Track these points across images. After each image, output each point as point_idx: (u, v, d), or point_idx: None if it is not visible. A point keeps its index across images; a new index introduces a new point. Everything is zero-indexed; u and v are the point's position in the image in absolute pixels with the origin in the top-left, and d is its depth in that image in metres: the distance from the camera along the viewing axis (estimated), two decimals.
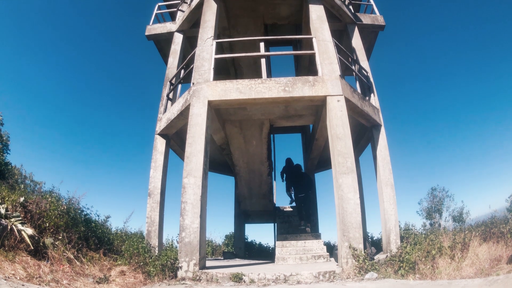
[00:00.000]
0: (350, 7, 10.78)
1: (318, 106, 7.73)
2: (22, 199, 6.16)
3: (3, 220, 5.18)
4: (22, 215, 5.71)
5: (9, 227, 5.12)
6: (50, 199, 6.93)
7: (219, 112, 7.94)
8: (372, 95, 8.96)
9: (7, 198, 5.99)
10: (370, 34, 11.11)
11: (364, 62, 9.35)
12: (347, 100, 7.14)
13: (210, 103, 7.00)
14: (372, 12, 11.08)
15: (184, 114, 7.54)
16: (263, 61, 7.68)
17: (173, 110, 8.05)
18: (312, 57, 8.16)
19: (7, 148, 13.83)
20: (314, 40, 7.90)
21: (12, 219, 5.31)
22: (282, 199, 13.84)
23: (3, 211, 5.38)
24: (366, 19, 10.67)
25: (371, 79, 9.20)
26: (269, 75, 10.90)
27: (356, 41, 9.80)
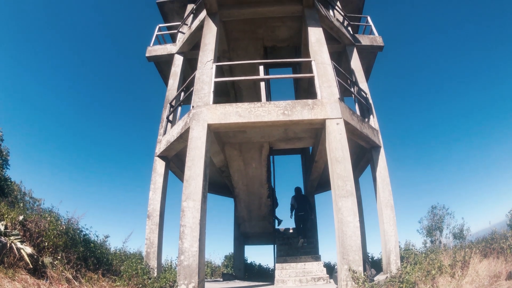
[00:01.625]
0: (349, 28, 10.89)
1: (317, 129, 7.74)
2: (21, 217, 6.15)
3: (2, 237, 5.18)
4: (21, 234, 5.70)
5: (8, 245, 5.12)
6: (49, 218, 6.91)
7: (218, 135, 7.95)
8: (371, 116, 8.98)
9: (6, 215, 5.99)
10: (369, 55, 11.21)
11: (363, 84, 9.40)
12: (346, 123, 7.15)
13: (209, 126, 7.00)
14: (371, 32, 11.18)
15: (183, 137, 7.54)
16: (262, 84, 7.72)
17: (173, 133, 8.05)
18: (311, 79, 8.21)
19: (6, 163, 13.80)
20: (313, 63, 7.95)
21: (12, 237, 5.30)
22: (282, 221, 13.74)
23: (2, 228, 5.38)
24: (365, 40, 10.77)
25: (370, 101, 9.23)
26: (269, 97, 10.96)
27: (355, 63, 9.87)
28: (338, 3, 11.78)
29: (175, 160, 9.13)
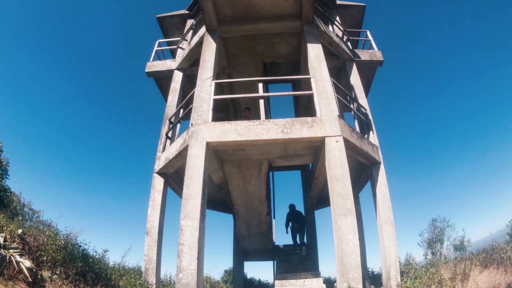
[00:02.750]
0: (348, 43, 10.90)
1: (317, 146, 7.70)
2: (20, 231, 6.15)
3: (2, 250, 5.19)
4: (20, 247, 5.71)
5: (8, 258, 5.13)
6: (48, 233, 6.89)
7: (217, 152, 7.91)
8: (371, 132, 8.95)
9: (5, 228, 5.99)
10: (369, 70, 11.21)
11: (362, 100, 9.38)
12: (346, 140, 7.12)
13: (208, 144, 6.97)
14: (370, 47, 11.19)
15: (182, 154, 7.51)
16: (261, 102, 7.72)
17: (172, 150, 8.03)
18: (311, 95, 8.18)
19: (6, 174, 13.77)
20: (312, 80, 7.95)
21: (11, 250, 5.31)
22: (282, 238, 13.71)
23: (1, 241, 5.39)
24: (364, 55, 10.77)
25: (370, 117, 9.20)
26: (268, 113, 10.97)
27: (355, 78, 9.87)
28: (337, 18, 11.81)
29: (174, 176, 9.09)
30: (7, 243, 5.47)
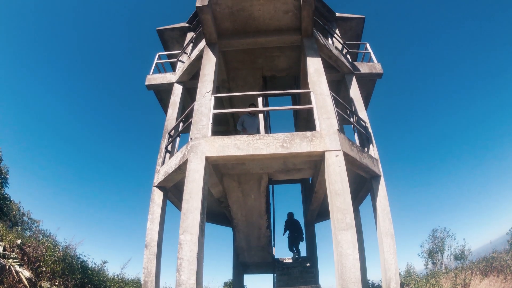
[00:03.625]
0: (348, 56, 10.93)
1: (316, 160, 7.68)
2: (19, 241, 6.16)
3: (1, 259, 5.18)
4: (19, 257, 5.72)
5: (7, 267, 5.12)
6: (47, 244, 6.88)
7: (217, 167, 7.88)
8: (371, 145, 8.92)
9: (5, 237, 5.98)
10: (368, 83, 11.22)
11: (362, 113, 9.38)
12: (346, 154, 7.09)
13: (207, 159, 6.94)
14: (370, 59, 11.20)
15: (181, 168, 7.48)
16: (261, 116, 7.71)
17: (171, 164, 8.00)
18: (310, 109, 8.17)
19: (6, 182, 13.75)
20: (312, 94, 7.95)
21: (10, 260, 5.31)
22: (282, 251, 13.68)
23: (1, 250, 5.37)
24: (364, 67, 10.79)
25: (370, 130, 9.18)
26: (268, 126, 10.95)
27: (354, 91, 9.87)
28: (337, 31, 11.87)
29: (173, 190, 9.05)
30: (6, 252, 5.49)
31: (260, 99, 7.94)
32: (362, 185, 9.41)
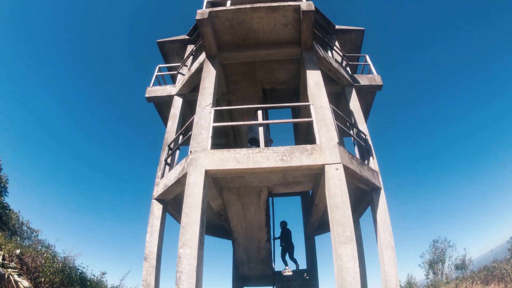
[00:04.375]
0: (348, 68, 10.95)
1: (316, 174, 7.65)
2: (18, 251, 6.14)
3: (0, 268, 5.14)
4: (18, 267, 5.69)
5: (6, 276, 5.09)
6: (46, 254, 6.85)
7: (216, 180, 7.84)
8: (371, 158, 8.89)
9: (4, 246, 5.96)
10: (368, 95, 11.22)
11: (362, 125, 9.37)
12: (346, 168, 7.06)
13: (207, 172, 6.92)
14: (370, 71, 11.22)
15: (181, 181, 7.46)
16: (261, 129, 7.70)
17: (170, 177, 7.98)
18: (310, 122, 8.16)
19: (5, 191, 13.75)
20: (311, 107, 7.95)
21: (9, 269, 5.28)
22: (282, 264, 13.62)
23: (0, 259, 5.34)
24: (363, 80, 10.80)
25: (370, 142, 9.16)
26: (268, 140, 10.94)
27: (354, 104, 9.87)
28: (336, 43, 11.91)
29: (173, 203, 9.01)
30: (5, 262, 5.46)
31: (260, 112, 7.94)
32: (363, 197, 9.36)
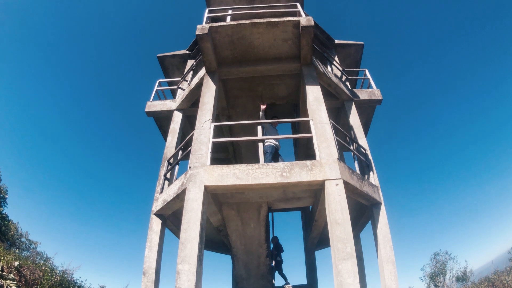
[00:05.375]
0: (347, 83, 10.97)
1: (316, 189, 7.61)
2: (16, 263, 6.08)
3: None
4: (17, 278, 5.63)
5: (5, 287, 5.03)
6: (44, 267, 6.79)
7: (216, 196, 7.79)
8: (371, 173, 8.87)
9: (2, 258, 5.91)
10: (368, 109, 11.24)
11: (362, 140, 9.36)
12: (346, 183, 7.03)
13: (206, 188, 6.87)
14: (369, 86, 11.26)
15: (180, 197, 7.43)
16: (260, 145, 7.68)
17: (170, 192, 7.94)
18: (310, 137, 8.14)
19: (4, 201, 13.71)
20: (311, 122, 7.94)
21: (8, 281, 5.23)
22: (281, 279, 13.51)
23: None
24: (363, 94, 10.82)
25: (370, 157, 9.14)
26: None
27: (354, 118, 9.87)
28: (336, 58, 11.96)
29: (172, 218, 8.96)
30: (4, 273, 5.41)
31: (259, 128, 7.93)
32: (363, 212, 9.32)
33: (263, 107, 8.90)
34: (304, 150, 11.62)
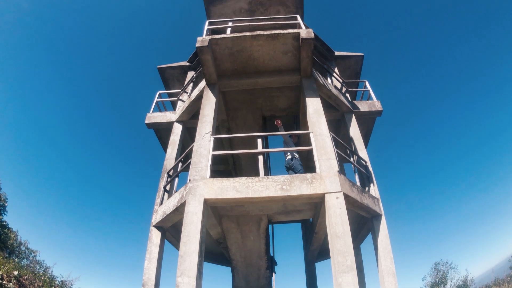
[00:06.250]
0: (347, 95, 10.98)
1: (317, 202, 7.58)
2: (16, 272, 6.04)
3: None
4: (16, 287, 5.58)
5: None
6: (43, 277, 6.74)
7: (215, 208, 7.77)
8: (371, 185, 8.83)
9: (2, 267, 5.87)
10: (368, 120, 11.24)
11: (362, 151, 9.34)
12: (346, 196, 6.99)
13: (206, 201, 6.84)
14: (369, 97, 11.26)
15: (179, 210, 7.39)
16: (260, 158, 7.66)
17: (169, 205, 7.91)
18: (310, 149, 8.12)
19: (4, 209, 13.67)
20: (311, 135, 7.93)
21: None
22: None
23: None
24: (363, 106, 10.82)
25: (370, 168, 9.12)
26: (267, 168, 10.90)
27: (354, 130, 9.87)
28: (336, 69, 11.99)
29: (171, 230, 8.93)
30: (4, 282, 5.38)
31: (259, 141, 7.92)
32: (363, 224, 9.29)
33: (279, 123, 8.96)
34: (304, 162, 11.58)
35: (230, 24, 9.83)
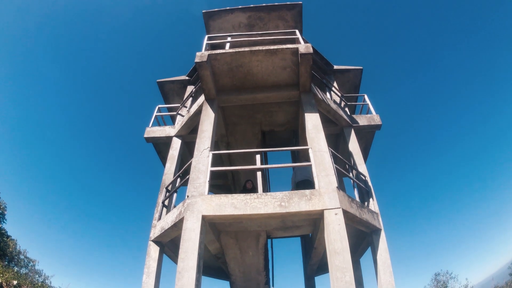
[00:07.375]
0: (346, 109, 10.99)
1: (316, 218, 7.56)
2: (15, 282, 6.03)
3: None
4: None
5: None
6: None
7: (214, 225, 7.75)
8: (371, 199, 8.80)
9: (1, 275, 5.85)
10: (367, 134, 11.23)
11: (361, 166, 9.32)
12: (345, 212, 6.97)
13: (204, 217, 6.82)
14: (368, 111, 11.27)
15: (178, 225, 7.36)
16: (259, 174, 7.65)
17: (167, 220, 7.88)
18: (309, 166, 8.10)
19: (3, 217, 13.64)
20: (310, 151, 7.92)
21: None
22: None
23: None
24: (362, 120, 10.83)
25: (369, 183, 9.10)
26: (267, 181, 10.85)
27: (353, 145, 9.86)
28: (335, 83, 12.03)
29: (170, 245, 8.88)
30: None
31: (258, 157, 7.92)
32: (363, 238, 9.24)
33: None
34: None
35: (229, 39, 9.88)
